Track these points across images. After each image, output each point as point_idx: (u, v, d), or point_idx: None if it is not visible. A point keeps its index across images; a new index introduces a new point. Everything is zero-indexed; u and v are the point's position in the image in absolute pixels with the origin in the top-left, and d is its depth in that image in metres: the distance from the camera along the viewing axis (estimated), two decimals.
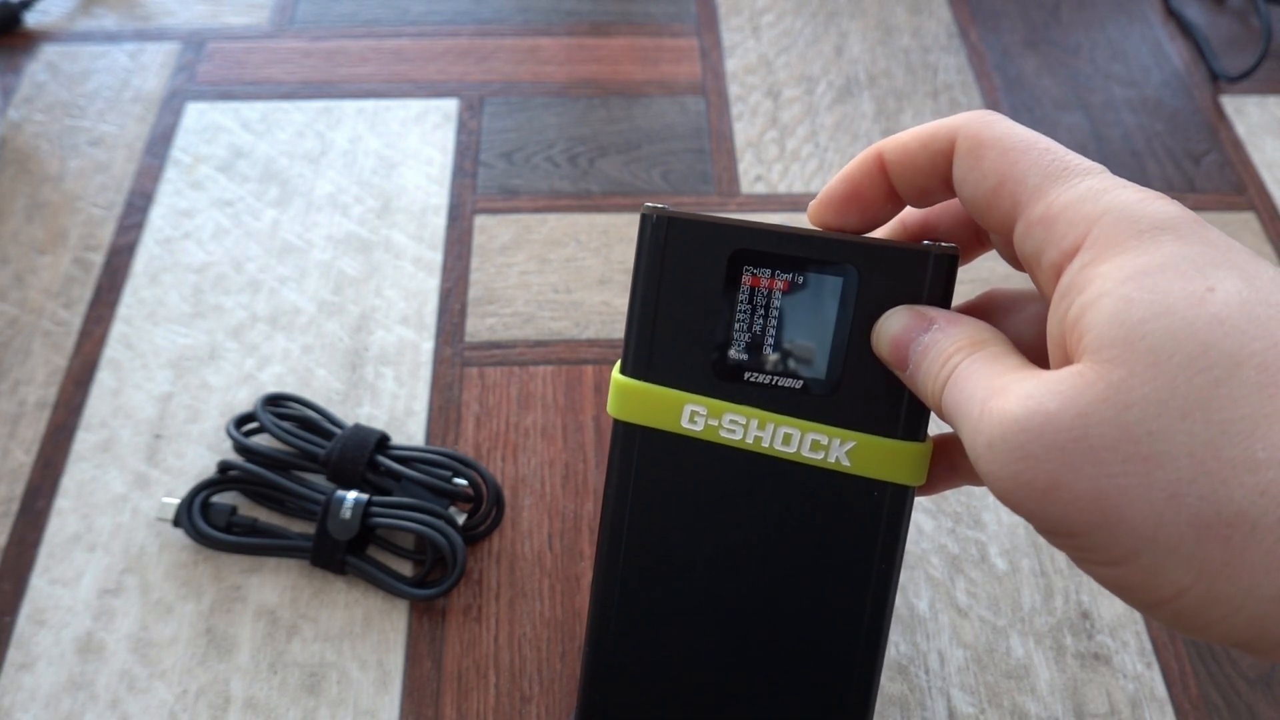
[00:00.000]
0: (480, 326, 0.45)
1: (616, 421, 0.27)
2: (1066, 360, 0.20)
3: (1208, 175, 0.53)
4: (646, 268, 0.26)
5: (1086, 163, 0.21)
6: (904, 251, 0.25)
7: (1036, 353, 0.24)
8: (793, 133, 0.54)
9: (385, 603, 0.37)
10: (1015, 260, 0.24)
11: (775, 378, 0.26)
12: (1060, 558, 0.39)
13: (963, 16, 0.60)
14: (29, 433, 0.41)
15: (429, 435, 0.42)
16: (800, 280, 0.25)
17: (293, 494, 0.38)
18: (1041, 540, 0.39)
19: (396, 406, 0.42)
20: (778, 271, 0.25)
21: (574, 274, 0.47)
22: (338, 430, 0.40)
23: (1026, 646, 0.37)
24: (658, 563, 0.28)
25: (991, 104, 0.56)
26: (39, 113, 0.53)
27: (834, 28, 0.59)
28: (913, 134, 0.24)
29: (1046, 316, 0.24)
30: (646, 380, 0.27)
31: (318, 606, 0.37)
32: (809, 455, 0.26)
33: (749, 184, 0.51)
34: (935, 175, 0.24)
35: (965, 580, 0.38)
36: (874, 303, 0.25)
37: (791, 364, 0.26)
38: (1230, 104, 0.56)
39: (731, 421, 0.26)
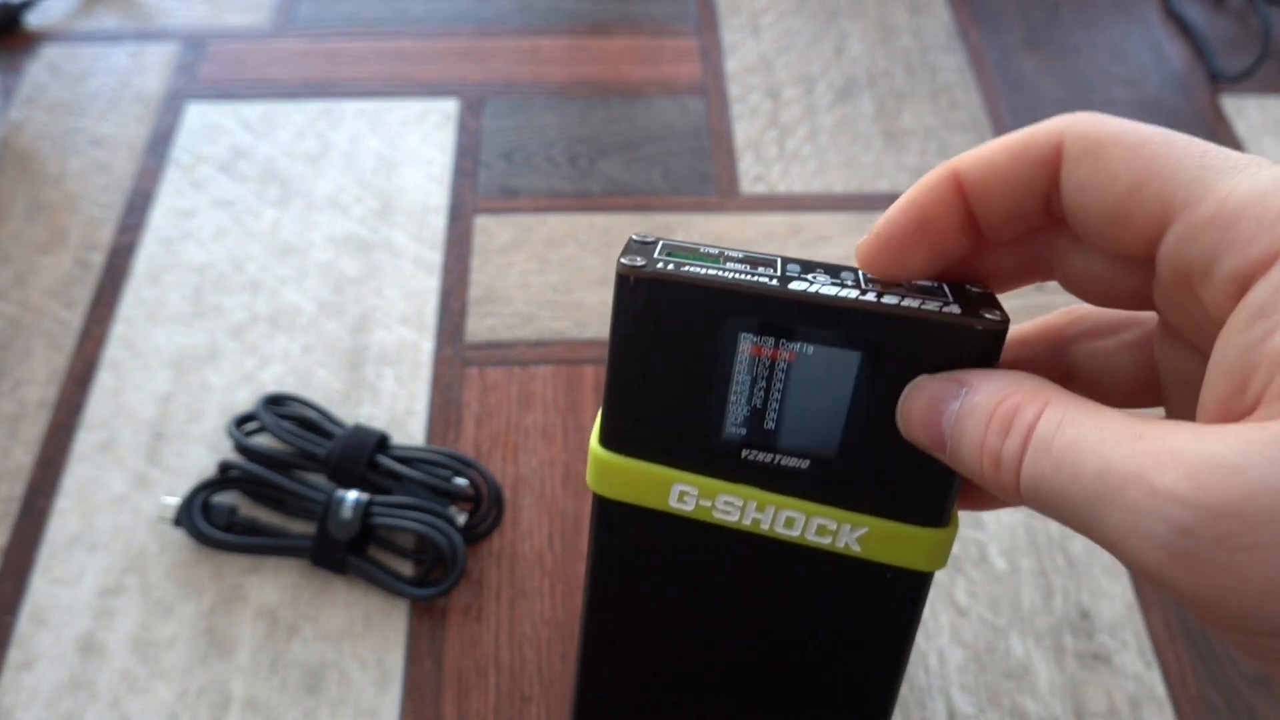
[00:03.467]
0: (480, 326, 0.45)
1: (596, 495, 0.24)
2: (1241, 398, 0.16)
3: None
4: (624, 334, 0.22)
5: (1248, 155, 0.17)
6: (940, 326, 0.20)
7: (1130, 388, 0.21)
8: (793, 133, 0.54)
9: (385, 602, 0.37)
10: (1121, 294, 0.20)
11: (778, 456, 0.22)
12: (1060, 557, 0.39)
13: (963, 16, 0.60)
14: (29, 433, 0.41)
15: (429, 435, 0.42)
16: (810, 351, 0.21)
17: (293, 494, 0.38)
18: (1041, 540, 0.39)
19: (396, 406, 0.42)
20: (783, 341, 0.21)
21: (574, 274, 0.47)
22: (338, 430, 0.40)
23: (1026, 646, 0.37)
24: (643, 645, 0.26)
25: (991, 104, 0.56)
26: (40, 113, 0.53)
27: (834, 28, 0.60)
28: (999, 146, 0.20)
29: (1146, 344, 0.21)
30: (628, 455, 0.23)
31: (318, 606, 0.37)
32: (814, 539, 0.23)
33: (749, 184, 0.51)
34: (1032, 193, 0.19)
35: (965, 580, 0.38)
36: (897, 377, 0.21)
37: (797, 441, 0.22)
38: (1230, 104, 0.56)
39: (726, 503, 0.23)
